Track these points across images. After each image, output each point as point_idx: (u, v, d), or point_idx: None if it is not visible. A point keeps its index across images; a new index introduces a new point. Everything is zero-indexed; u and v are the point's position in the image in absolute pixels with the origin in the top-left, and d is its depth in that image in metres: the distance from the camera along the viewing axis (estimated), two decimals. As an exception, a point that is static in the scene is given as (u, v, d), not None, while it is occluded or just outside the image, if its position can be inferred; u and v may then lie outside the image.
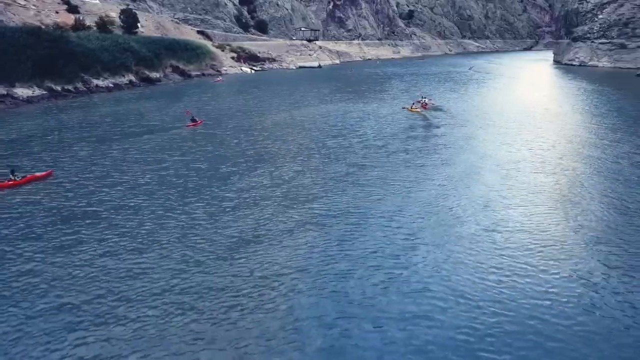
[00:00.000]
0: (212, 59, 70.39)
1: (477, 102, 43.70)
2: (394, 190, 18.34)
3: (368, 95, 48.47)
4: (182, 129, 30.27)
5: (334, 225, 15.10)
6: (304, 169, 21.27)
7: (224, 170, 20.88)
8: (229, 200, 17.12)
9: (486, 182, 19.42)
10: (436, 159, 23.18)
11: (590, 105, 42.47)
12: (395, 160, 22.92)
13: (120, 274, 12.00)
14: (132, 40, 55.63)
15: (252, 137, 28.44)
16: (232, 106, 40.69)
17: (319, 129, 30.69)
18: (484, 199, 17.42)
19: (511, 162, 22.40)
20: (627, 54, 79.93)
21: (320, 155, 23.91)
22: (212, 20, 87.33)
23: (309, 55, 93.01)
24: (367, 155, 23.68)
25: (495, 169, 21.31)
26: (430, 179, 19.92)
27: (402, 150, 24.73)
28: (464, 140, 27.23)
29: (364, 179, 19.73)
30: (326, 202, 17.15)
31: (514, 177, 20.17)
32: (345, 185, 18.94)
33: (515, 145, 25.88)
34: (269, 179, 19.75)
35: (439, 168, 21.54)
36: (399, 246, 13.68)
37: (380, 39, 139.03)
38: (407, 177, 20.05)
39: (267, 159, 22.94)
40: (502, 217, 15.80)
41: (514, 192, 18.20)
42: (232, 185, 18.88)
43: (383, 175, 20.25)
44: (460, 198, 17.54)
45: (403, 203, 17.06)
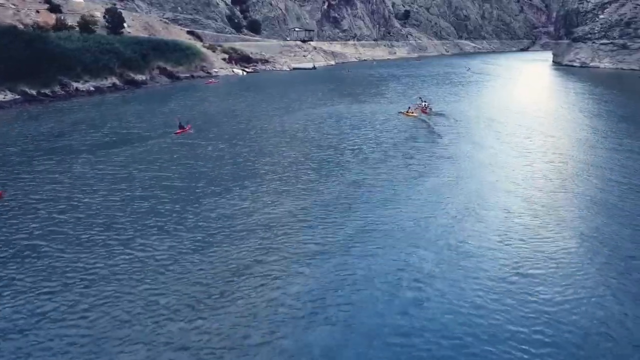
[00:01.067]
0: (202, 60, 67.71)
1: (478, 106, 41.35)
2: (394, 217, 15.90)
3: (363, 99, 46.03)
4: (166, 137, 27.84)
5: (329, 248, 12.66)
6: (293, 185, 18.80)
7: (207, 188, 18.37)
8: (212, 226, 14.63)
9: (503, 205, 17.01)
10: (441, 176, 20.73)
11: (597, 109, 40.23)
12: (394, 176, 20.47)
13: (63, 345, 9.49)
14: (116, 40, 52.92)
15: (242, 145, 26.10)
16: (221, 111, 38.16)
17: (311, 138, 28.21)
18: (502, 228, 15.02)
19: (526, 178, 19.99)
20: (629, 54, 77.93)
21: (311, 168, 21.44)
22: (203, 20, 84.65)
23: (303, 56, 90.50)
24: (363, 170, 21.22)
25: (510, 187, 18.90)
26: (437, 202, 17.48)
27: (401, 165, 22.27)
28: (470, 152, 24.82)
29: (360, 200, 17.28)
30: (318, 227, 14.70)
31: (535, 199, 17.76)
32: (338, 205, 16.49)
33: (529, 156, 23.51)
34: (257, 197, 17.27)
35: (445, 188, 19.10)
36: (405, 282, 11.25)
37: (376, 40, 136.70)
38: (408, 198, 17.62)
39: (256, 173, 20.46)
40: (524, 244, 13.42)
41: (540, 222, 15.80)
42: (215, 206, 16.38)
43: (381, 197, 17.80)
44: (474, 226, 15.14)
45: (406, 232, 14.63)
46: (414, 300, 10.92)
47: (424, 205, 16.88)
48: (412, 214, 16.02)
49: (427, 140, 27.59)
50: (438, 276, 11.95)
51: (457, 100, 45.10)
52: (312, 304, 10.78)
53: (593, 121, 34.26)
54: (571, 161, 22.94)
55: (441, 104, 42.02)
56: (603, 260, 12.84)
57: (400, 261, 12.75)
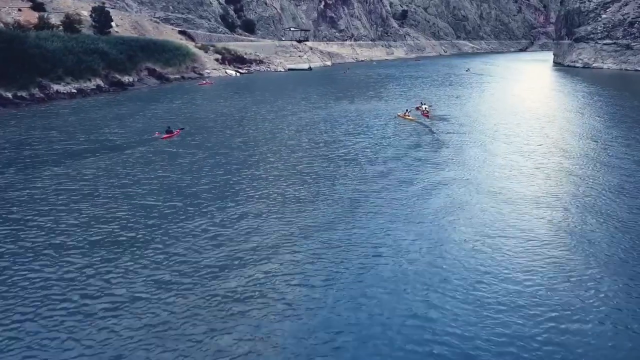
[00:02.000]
0: (194, 61, 65.30)
1: (483, 110, 39.12)
2: (395, 241, 13.61)
3: (360, 102, 43.74)
4: (149, 143, 25.57)
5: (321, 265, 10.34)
6: (280, 205, 16.47)
7: (187, 203, 16.02)
8: (189, 251, 12.29)
9: (525, 230, 14.74)
10: (448, 196, 18.45)
11: (609, 112, 38.07)
12: (394, 195, 18.17)
13: None
14: (102, 40, 50.46)
15: (229, 152, 23.87)
16: (210, 114, 35.80)
17: (303, 147, 25.89)
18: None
19: (549, 202, 17.73)
20: (633, 55, 75.92)
21: (300, 183, 19.13)
22: (195, 20, 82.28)
23: (299, 56, 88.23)
24: (358, 188, 18.91)
25: (528, 210, 16.64)
26: (445, 226, 15.20)
27: (401, 182, 19.96)
28: (479, 168, 22.54)
29: (357, 222, 15.00)
30: (306, 256, 12.38)
31: (561, 226, 15.51)
32: (324, 231, 14.19)
33: (544, 170, 21.27)
34: (240, 216, 14.94)
35: (454, 210, 16.82)
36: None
37: (373, 40, 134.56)
38: (410, 222, 15.33)
39: (241, 186, 18.12)
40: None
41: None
42: (194, 227, 14.03)
43: (380, 221, 15.51)
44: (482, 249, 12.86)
45: (412, 274, 12.33)
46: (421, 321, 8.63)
47: (429, 234, 14.59)
48: (415, 246, 13.73)
49: (429, 150, 25.29)
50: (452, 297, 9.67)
51: (459, 104, 42.85)
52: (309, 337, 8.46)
53: (607, 126, 32.07)
54: (595, 177, 20.70)
55: (443, 108, 39.79)
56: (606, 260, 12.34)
57: (409, 303, 10.47)
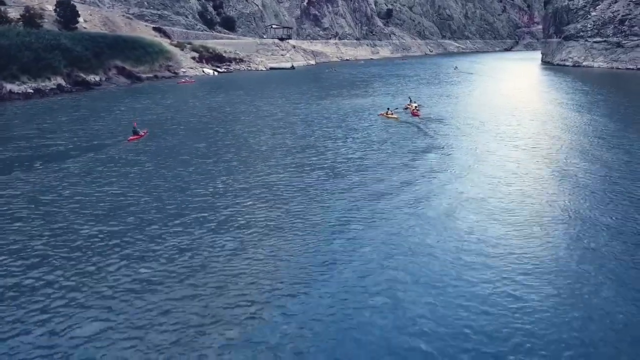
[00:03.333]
0: (168, 59, 61.57)
1: (473, 109, 36.20)
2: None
3: (345, 102, 40.55)
4: (111, 148, 22.26)
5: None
6: (256, 211, 13.20)
7: (150, 215, 12.63)
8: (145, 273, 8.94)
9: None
10: (439, 207, 15.35)
11: (607, 112, 35.52)
12: (378, 214, 15.02)
13: None
14: (65, 36, 46.55)
15: (202, 155, 21.13)
16: (181, 115, 32.30)
17: (278, 154, 22.62)
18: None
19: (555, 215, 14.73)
20: (624, 53, 74.06)
21: (271, 199, 15.86)
22: (172, 17, 78.35)
23: (281, 55, 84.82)
24: (341, 199, 15.72)
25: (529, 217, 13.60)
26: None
27: (387, 197, 16.83)
28: (472, 174, 19.52)
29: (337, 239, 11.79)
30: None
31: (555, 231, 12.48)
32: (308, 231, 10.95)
33: (561, 177, 18.31)
34: (213, 224, 11.62)
35: (444, 219, 13.72)
36: None
37: (358, 39, 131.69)
38: (393, 237, 12.18)
39: (214, 189, 14.84)
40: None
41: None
42: (155, 246, 10.69)
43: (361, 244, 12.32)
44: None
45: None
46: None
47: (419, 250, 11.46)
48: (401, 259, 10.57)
49: (422, 154, 22.19)
50: None
51: (449, 103, 39.98)
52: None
53: (608, 125, 29.40)
54: (595, 177, 17.80)
55: (433, 107, 36.88)
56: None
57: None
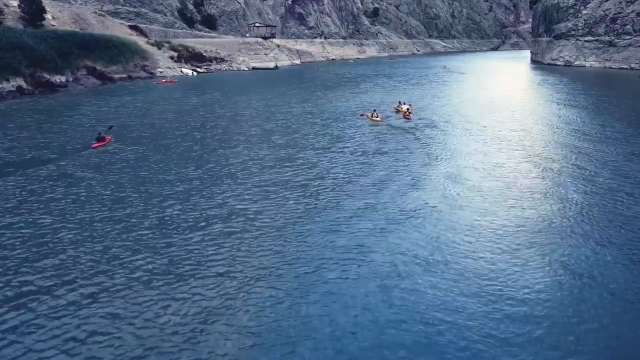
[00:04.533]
0: (144, 59, 58.03)
1: (467, 110, 33.65)
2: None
3: (330, 104, 37.67)
4: (73, 156, 19.25)
5: None
6: (231, 224, 10.26)
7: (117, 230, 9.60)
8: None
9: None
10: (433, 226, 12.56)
11: (620, 118, 33.23)
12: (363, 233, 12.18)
13: None
14: (28, 34, 42.87)
15: (169, 164, 18.35)
16: (148, 120, 29.10)
17: (254, 165, 19.66)
18: None
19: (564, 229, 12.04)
20: (616, 52, 72.41)
21: (245, 217, 12.93)
22: (149, 14, 74.59)
23: (264, 54, 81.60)
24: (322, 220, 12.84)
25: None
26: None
27: (371, 214, 14.02)
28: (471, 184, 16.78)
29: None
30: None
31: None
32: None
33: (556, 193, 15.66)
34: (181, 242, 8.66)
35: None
36: None
37: (344, 38, 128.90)
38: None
39: (184, 202, 11.91)
40: None
41: None
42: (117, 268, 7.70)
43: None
44: None
45: None
46: None
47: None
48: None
49: (413, 165, 19.40)
50: None
51: (441, 105, 37.45)
52: None
53: (620, 132, 26.99)
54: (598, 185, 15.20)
55: (424, 109, 34.31)
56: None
57: None
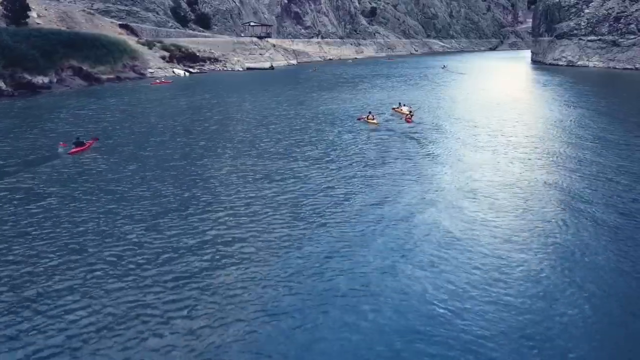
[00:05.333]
0: (134, 59, 55.93)
1: (472, 116, 31.62)
2: None
3: (328, 107, 35.71)
4: (48, 163, 17.50)
5: None
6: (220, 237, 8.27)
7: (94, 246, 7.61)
8: None
9: None
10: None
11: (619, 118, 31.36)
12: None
13: None
14: (7, 32, 40.78)
15: (151, 173, 16.43)
16: (132, 124, 27.05)
17: (242, 178, 17.66)
18: None
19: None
20: (621, 52, 70.65)
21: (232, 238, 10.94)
22: (141, 13, 72.46)
23: (259, 54, 79.57)
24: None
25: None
26: None
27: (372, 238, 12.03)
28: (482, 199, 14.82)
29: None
30: None
31: None
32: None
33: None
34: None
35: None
36: None
37: (341, 38, 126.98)
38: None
39: (171, 216, 9.96)
40: None
41: None
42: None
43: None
44: None
45: None
46: None
47: None
48: None
49: (421, 177, 17.43)
50: None
51: (443, 107, 35.49)
52: None
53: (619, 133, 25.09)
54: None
55: (426, 111, 32.35)
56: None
57: None
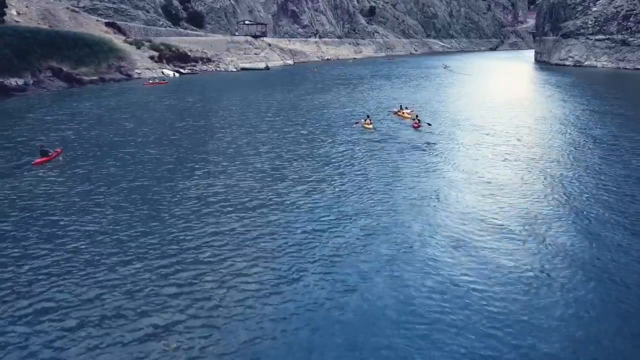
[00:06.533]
0: (120, 59, 52.86)
1: (482, 121, 28.75)
2: None
3: (324, 112, 32.77)
4: (7, 176, 14.32)
5: None
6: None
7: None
8: None
9: None
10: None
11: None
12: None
13: None
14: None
15: (118, 186, 13.98)
16: (105, 130, 24.07)
17: (224, 200, 14.73)
18: None
19: None
20: (630, 52, 67.81)
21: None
22: (130, 11, 69.34)
23: (255, 54, 76.54)
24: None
25: None
26: None
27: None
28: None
29: None
30: None
31: None
32: None
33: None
34: None
35: None
36: None
37: (340, 37, 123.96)
38: None
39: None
40: None
41: None
42: None
43: None
44: None
45: None
46: None
47: None
48: None
49: (427, 197, 14.52)
50: None
51: (450, 110, 32.70)
52: None
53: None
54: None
55: (431, 115, 29.36)
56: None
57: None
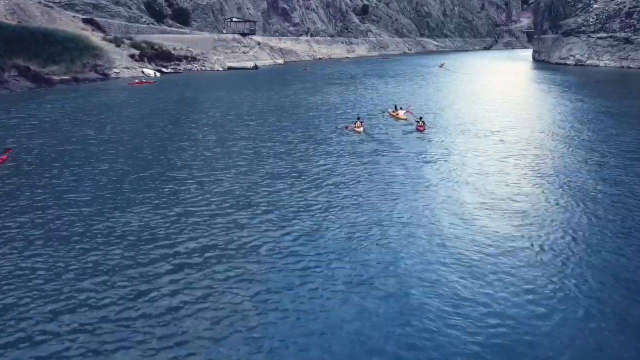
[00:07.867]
0: (97, 57, 49.29)
1: (488, 124, 25.64)
2: None
3: (315, 117, 29.56)
4: None
5: None
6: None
7: None
8: None
9: None
10: None
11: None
12: None
13: None
14: None
15: (71, 198, 10.79)
16: (64, 135, 20.68)
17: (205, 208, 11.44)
18: None
19: None
20: (634, 50, 65.24)
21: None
22: (110, 7, 65.64)
23: (243, 53, 73.17)
24: None
25: None
26: None
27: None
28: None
29: None
30: None
31: None
32: None
33: None
34: None
35: None
36: None
37: (332, 36, 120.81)
38: None
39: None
40: None
41: None
42: None
43: None
44: None
45: None
46: None
47: None
48: None
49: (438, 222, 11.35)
50: None
51: (452, 111, 29.57)
52: None
53: None
54: None
55: (432, 116, 26.22)
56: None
57: None
